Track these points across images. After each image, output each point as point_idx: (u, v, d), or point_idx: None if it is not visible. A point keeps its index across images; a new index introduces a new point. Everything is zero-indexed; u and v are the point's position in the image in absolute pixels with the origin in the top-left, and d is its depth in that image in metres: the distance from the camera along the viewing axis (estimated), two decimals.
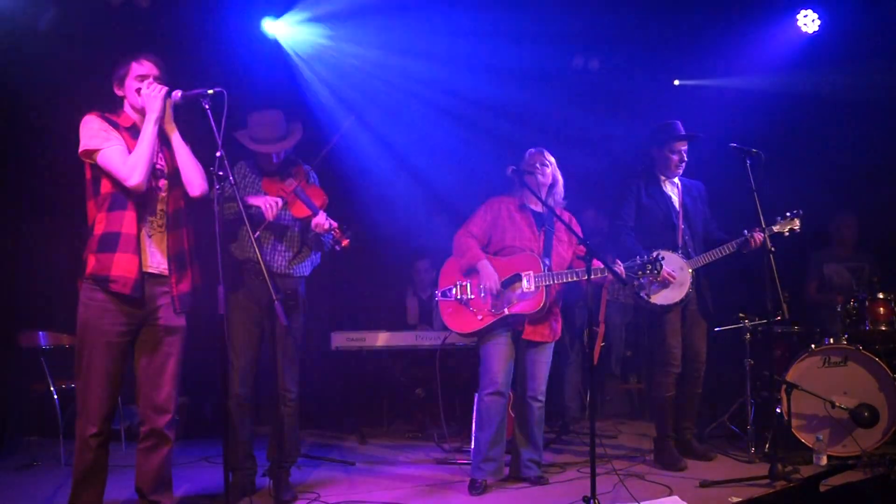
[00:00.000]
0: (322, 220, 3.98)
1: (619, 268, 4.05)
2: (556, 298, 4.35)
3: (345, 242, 4.03)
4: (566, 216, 4.33)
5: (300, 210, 4.06)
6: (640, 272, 4.10)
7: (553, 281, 4.19)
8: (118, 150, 3.26)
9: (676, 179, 4.93)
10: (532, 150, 4.46)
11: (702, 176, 5.11)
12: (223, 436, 3.26)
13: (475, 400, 4.33)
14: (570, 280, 4.20)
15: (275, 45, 6.25)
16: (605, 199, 6.39)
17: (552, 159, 4.44)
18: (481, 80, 6.75)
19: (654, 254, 4.13)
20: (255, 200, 3.96)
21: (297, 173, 4.15)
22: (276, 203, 3.97)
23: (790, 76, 6.64)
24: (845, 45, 6.31)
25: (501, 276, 4.25)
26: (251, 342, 4.03)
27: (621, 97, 7.08)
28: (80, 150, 3.26)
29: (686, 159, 4.85)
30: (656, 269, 4.09)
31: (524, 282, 4.20)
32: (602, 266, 3.97)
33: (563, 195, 4.44)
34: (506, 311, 4.22)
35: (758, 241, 4.55)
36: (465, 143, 6.86)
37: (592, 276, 3.77)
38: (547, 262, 4.26)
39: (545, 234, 4.36)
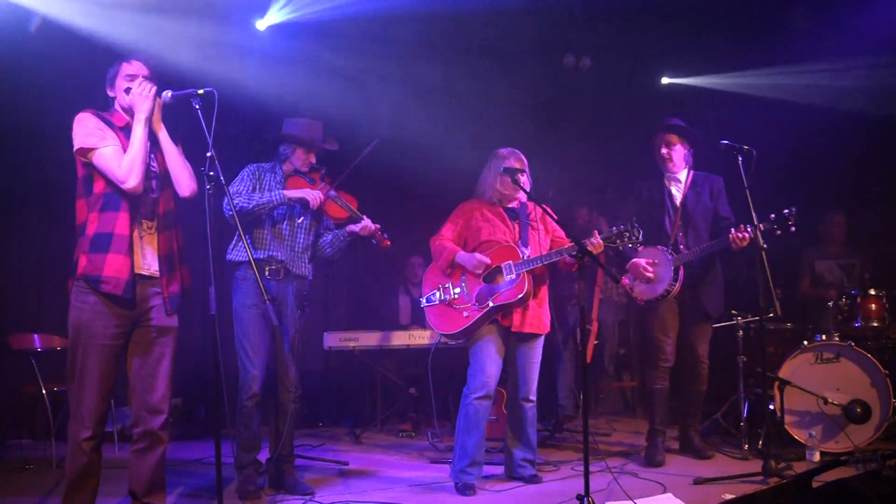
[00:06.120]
0: (369, 223, 4.25)
1: (597, 238, 4.04)
2: (541, 286, 4.34)
3: (387, 244, 4.33)
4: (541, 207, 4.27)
5: (337, 211, 4.24)
6: (617, 240, 4.05)
7: (533, 265, 4.19)
8: (114, 151, 3.23)
9: (684, 174, 4.89)
10: (506, 149, 4.41)
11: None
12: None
13: (462, 401, 4.28)
14: (549, 261, 4.19)
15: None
16: (600, 197, 6.40)
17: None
18: (473, 72, 6.74)
19: (631, 221, 4.07)
20: (296, 193, 4.11)
21: (325, 178, 4.30)
22: (319, 197, 4.12)
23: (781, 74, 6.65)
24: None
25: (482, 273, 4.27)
26: (266, 341, 4.12)
27: (615, 95, 7.07)
28: (76, 147, 3.24)
29: (672, 155, 4.80)
30: (634, 236, 4.01)
31: (505, 272, 4.22)
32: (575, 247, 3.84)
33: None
34: (490, 303, 4.21)
35: (745, 238, 4.43)
36: (455, 139, 6.84)
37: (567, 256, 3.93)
38: (525, 251, 4.27)
39: (520, 225, 4.38)
